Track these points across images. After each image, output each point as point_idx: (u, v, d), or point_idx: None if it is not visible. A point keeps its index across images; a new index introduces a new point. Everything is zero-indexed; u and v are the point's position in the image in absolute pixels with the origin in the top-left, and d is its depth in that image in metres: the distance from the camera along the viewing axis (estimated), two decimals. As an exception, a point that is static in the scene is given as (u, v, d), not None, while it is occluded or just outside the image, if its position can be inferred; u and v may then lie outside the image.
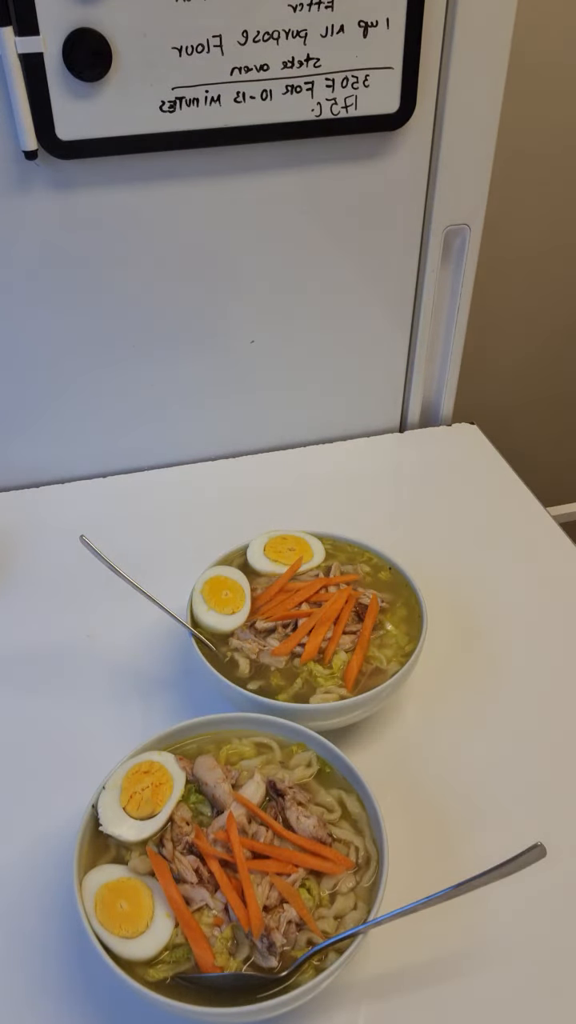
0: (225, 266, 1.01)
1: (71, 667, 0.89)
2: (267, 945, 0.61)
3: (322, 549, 0.91)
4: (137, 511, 1.09)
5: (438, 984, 0.65)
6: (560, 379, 1.52)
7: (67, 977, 0.65)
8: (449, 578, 0.96)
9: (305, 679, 0.79)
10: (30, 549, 1.02)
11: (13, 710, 0.85)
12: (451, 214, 1.05)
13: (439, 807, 0.76)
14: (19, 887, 0.71)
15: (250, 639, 0.82)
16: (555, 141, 1.25)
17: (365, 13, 0.87)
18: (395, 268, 1.07)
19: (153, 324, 1.03)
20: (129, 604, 0.83)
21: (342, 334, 1.11)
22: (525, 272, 1.37)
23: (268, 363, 1.11)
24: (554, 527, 1.05)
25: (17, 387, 1.04)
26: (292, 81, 0.88)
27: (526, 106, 1.19)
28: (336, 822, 0.69)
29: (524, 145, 1.23)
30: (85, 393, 1.06)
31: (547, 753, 0.81)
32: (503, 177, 1.13)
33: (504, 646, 0.90)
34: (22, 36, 0.80)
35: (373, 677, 0.79)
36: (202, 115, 0.88)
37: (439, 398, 1.21)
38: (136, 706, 0.85)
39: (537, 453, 1.55)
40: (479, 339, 1.35)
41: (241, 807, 0.68)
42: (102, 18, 0.81)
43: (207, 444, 1.16)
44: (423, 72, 0.92)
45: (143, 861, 0.65)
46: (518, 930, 0.68)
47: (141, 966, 0.61)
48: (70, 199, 0.92)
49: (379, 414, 1.20)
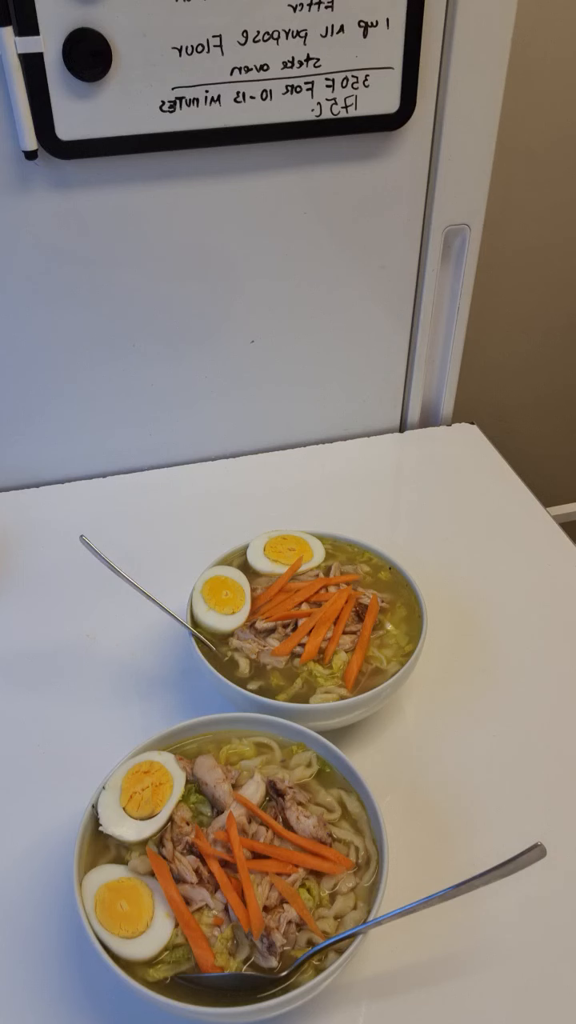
0: (225, 266, 1.01)
1: (71, 667, 0.89)
2: (267, 945, 0.61)
3: (322, 549, 0.91)
4: (137, 511, 1.09)
5: (438, 984, 0.65)
6: (561, 379, 1.52)
7: (67, 977, 0.65)
8: (449, 578, 0.96)
9: (305, 679, 0.79)
10: (30, 549, 1.02)
11: (13, 710, 0.85)
12: (451, 214, 1.05)
13: (439, 807, 0.76)
14: (19, 887, 0.71)
15: (250, 639, 0.82)
16: (555, 141, 1.26)
17: (365, 13, 0.87)
18: (395, 268, 1.07)
19: (153, 324, 1.03)
20: (129, 604, 0.83)
21: (342, 334, 1.11)
22: (525, 272, 1.37)
23: (268, 363, 1.11)
24: (554, 527, 1.05)
25: (17, 387, 1.04)
26: (292, 81, 0.88)
27: (526, 106, 1.20)
28: (336, 822, 0.69)
29: (524, 145, 1.23)
30: (85, 393, 1.06)
31: (547, 753, 0.81)
32: (503, 177, 1.13)
33: (504, 646, 0.90)
34: (22, 36, 0.80)
35: (373, 677, 0.79)
36: (202, 115, 0.88)
37: (439, 398, 1.21)
38: (136, 706, 0.85)
39: (537, 453, 1.55)
40: (479, 339, 1.35)
41: (241, 807, 0.68)
42: (102, 18, 0.81)
43: (207, 444, 1.16)
44: (423, 72, 0.92)
45: (143, 861, 0.65)
46: (518, 930, 0.68)
47: (141, 966, 0.61)
48: (70, 199, 0.92)
49: (379, 414, 1.20)
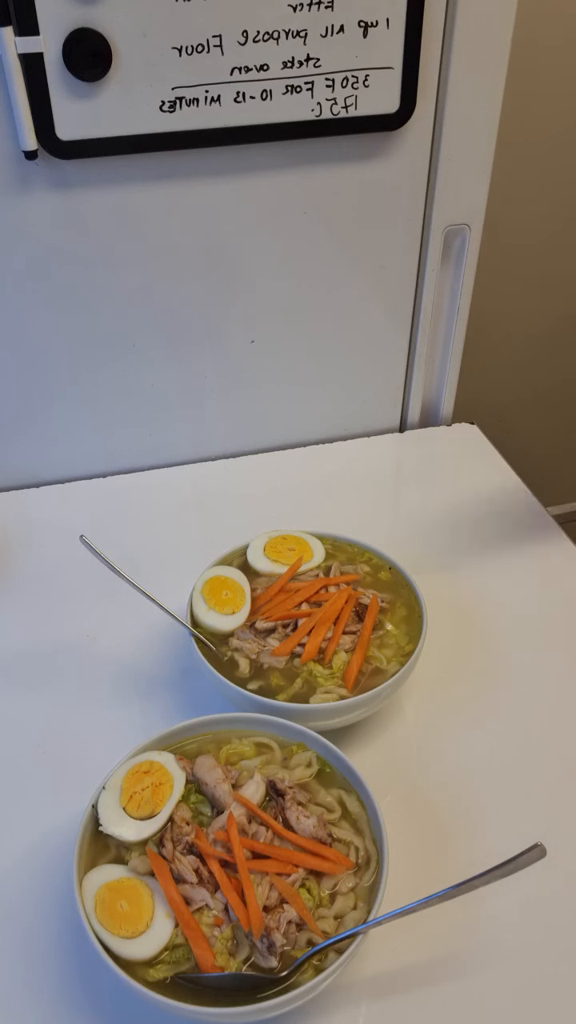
0: (225, 266, 1.01)
1: (71, 667, 0.89)
2: (267, 945, 0.61)
3: (322, 549, 0.91)
4: (137, 511, 1.09)
5: (438, 984, 0.65)
6: (561, 379, 1.52)
7: (67, 977, 0.65)
8: (449, 578, 0.96)
9: (305, 679, 0.79)
10: (30, 549, 1.02)
11: (13, 710, 0.85)
12: (451, 214, 1.05)
13: (439, 807, 0.76)
14: (19, 887, 0.71)
15: (250, 639, 0.82)
16: (555, 141, 1.26)
17: (365, 13, 0.87)
18: (395, 268, 1.07)
19: (153, 324, 1.03)
20: (129, 604, 0.83)
21: (342, 334, 1.11)
22: (525, 272, 1.37)
23: (268, 363, 1.11)
24: (554, 527, 1.05)
25: (17, 387, 1.04)
26: (292, 81, 0.88)
27: (526, 106, 1.20)
28: (336, 822, 0.69)
29: (524, 145, 1.23)
30: (85, 393, 1.06)
31: (547, 753, 0.81)
32: (503, 177, 1.13)
33: (504, 646, 0.90)
34: (22, 36, 0.80)
35: (373, 677, 0.79)
36: (202, 115, 0.88)
37: (439, 398, 1.21)
38: (136, 706, 0.85)
39: (537, 452, 1.56)
40: (479, 339, 1.35)
41: (241, 807, 0.68)
42: (102, 18, 0.81)
43: (207, 444, 1.16)
44: (423, 72, 0.92)
45: (143, 861, 0.65)
46: (518, 930, 0.68)
47: (141, 966, 0.61)
48: (70, 199, 0.92)
49: (379, 414, 1.20)
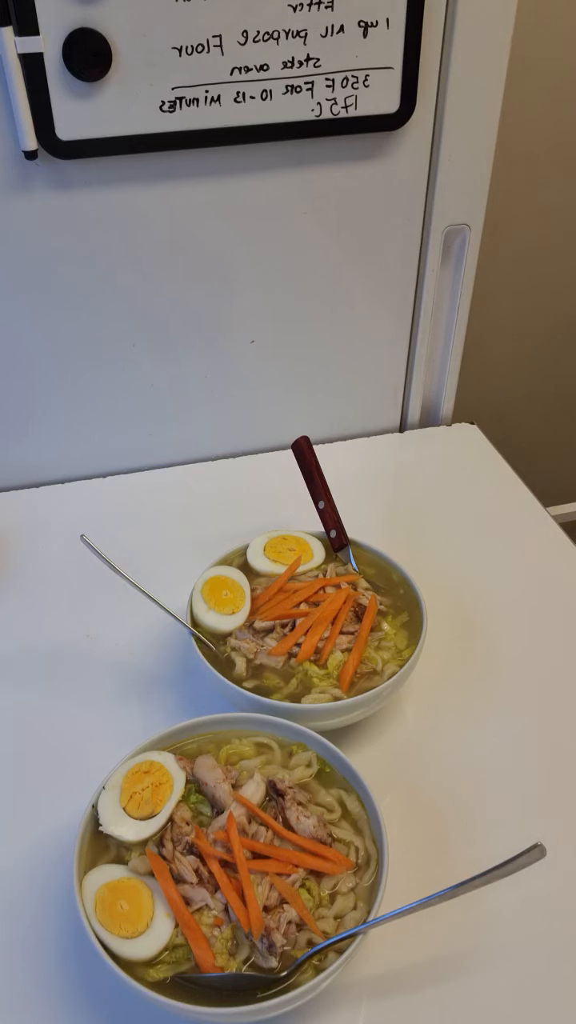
0: (225, 266, 1.01)
1: (71, 667, 0.89)
2: (267, 945, 0.61)
3: (322, 549, 0.91)
4: (137, 511, 1.09)
5: (438, 984, 0.65)
6: (561, 379, 1.52)
7: (67, 977, 0.65)
8: (449, 578, 0.96)
9: (300, 679, 0.79)
10: (30, 549, 1.02)
11: (13, 710, 0.85)
12: (451, 214, 1.05)
13: (439, 807, 0.76)
14: (19, 887, 0.71)
15: (248, 639, 0.82)
16: (555, 141, 1.26)
17: (365, 13, 0.87)
18: (395, 268, 1.07)
19: (153, 324, 1.03)
20: (129, 604, 0.83)
21: (342, 334, 1.11)
22: (525, 272, 1.37)
23: (268, 363, 1.11)
24: (554, 527, 1.05)
25: (17, 387, 1.04)
26: (292, 81, 0.88)
27: (526, 106, 1.20)
28: (336, 822, 0.69)
29: (524, 145, 1.23)
30: (85, 393, 1.06)
31: (547, 753, 0.81)
32: (503, 177, 1.13)
33: (504, 646, 0.90)
34: (22, 36, 0.80)
35: (369, 678, 0.79)
36: (202, 115, 0.88)
37: (439, 398, 1.21)
38: (136, 706, 0.85)
39: (537, 453, 1.55)
40: (479, 339, 1.35)
41: (241, 807, 0.68)
42: (102, 18, 0.81)
43: (207, 444, 1.16)
44: (423, 72, 0.92)
45: (143, 861, 0.65)
46: (518, 930, 0.68)
47: (141, 966, 0.61)
48: (70, 199, 0.92)
49: (379, 414, 1.20)
